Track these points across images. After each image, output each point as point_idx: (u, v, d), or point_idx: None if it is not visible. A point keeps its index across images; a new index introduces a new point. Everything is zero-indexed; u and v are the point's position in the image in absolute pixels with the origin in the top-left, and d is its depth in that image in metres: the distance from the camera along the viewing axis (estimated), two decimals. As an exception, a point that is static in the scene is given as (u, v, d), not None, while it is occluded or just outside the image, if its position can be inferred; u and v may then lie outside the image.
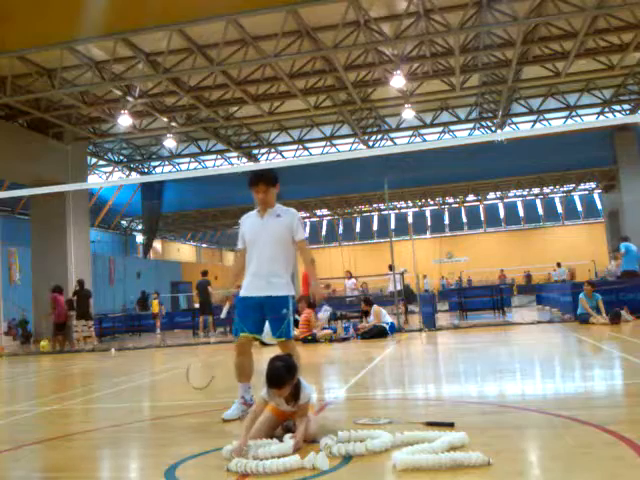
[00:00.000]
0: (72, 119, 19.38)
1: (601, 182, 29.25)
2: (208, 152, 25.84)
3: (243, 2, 12.97)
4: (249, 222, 4.81)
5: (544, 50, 17.00)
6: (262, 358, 4.30)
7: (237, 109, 20.34)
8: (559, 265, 27.30)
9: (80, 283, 16.29)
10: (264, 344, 12.11)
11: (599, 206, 38.56)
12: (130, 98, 17.35)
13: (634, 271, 13.50)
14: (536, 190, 35.44)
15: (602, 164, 25.91)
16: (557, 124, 24.09)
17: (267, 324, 4.53)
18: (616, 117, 23.41)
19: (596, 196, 39.34)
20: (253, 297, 4.59)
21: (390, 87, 18.14)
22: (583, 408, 4.26)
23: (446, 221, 45.14)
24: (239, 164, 27.26)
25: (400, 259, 15.25)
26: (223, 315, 4.87)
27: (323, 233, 46.71)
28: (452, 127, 24.35)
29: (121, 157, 26.67)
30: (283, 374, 3.64)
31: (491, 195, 37.02)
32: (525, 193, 36.89)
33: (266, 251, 4.60)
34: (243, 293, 4.67)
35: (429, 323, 13.13)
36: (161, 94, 17.93)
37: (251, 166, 26.63)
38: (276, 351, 4.30)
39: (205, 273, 18.10)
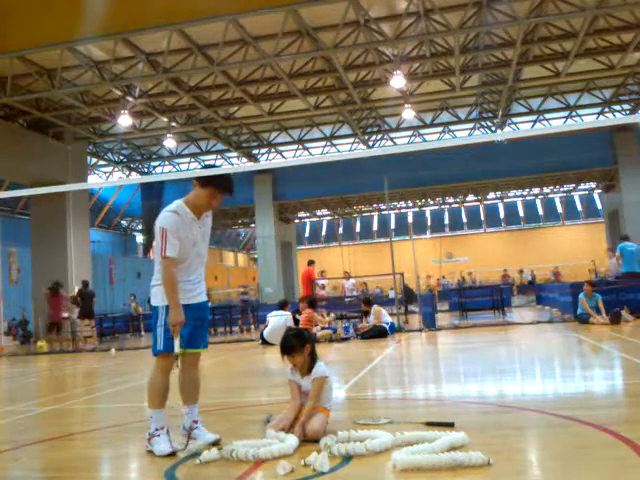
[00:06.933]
0: (72, 119, 19.38)
1: (601, 182, 29.23)
2: (208, 152, 25.82)
3: (243, 2, 12.97)
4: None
5: (544, 50, 16.99)
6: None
7: (237, 109, 20.34)
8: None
9: (84, 283, 16.41)
10: (266, 343, 12.20)
11: (599, 206, 38.52)
12: (130, 98, 17.35)
13: (634, 272, 13.46)
14: (536, 190, 35.41)
15: (602, 164, 25.88)
16: (557, 124, 24.08)
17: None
18: (616, 117, 23.41)
19: (596, 196, 39.28)
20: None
21: (390, 87, 18.13)
22: (583, 408, 4.26)
23: (446, 221, 45.09)
24: (239, 164, 27.24)
25: (400, 259, 15.22)
26: None
27: (323, 233, 46.69)
28: (452, 127, 24.35)
29: (121, 157, 26.66)
30: (292, 341, 3.98)
31: (491, 195, 36.96)
32: (525, 193, 36.86)
33: None
34: None
35: (429, 323, 13.13)
36: (161, 94, 17.93)
37: (251, 166, 26.67)
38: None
39: None
